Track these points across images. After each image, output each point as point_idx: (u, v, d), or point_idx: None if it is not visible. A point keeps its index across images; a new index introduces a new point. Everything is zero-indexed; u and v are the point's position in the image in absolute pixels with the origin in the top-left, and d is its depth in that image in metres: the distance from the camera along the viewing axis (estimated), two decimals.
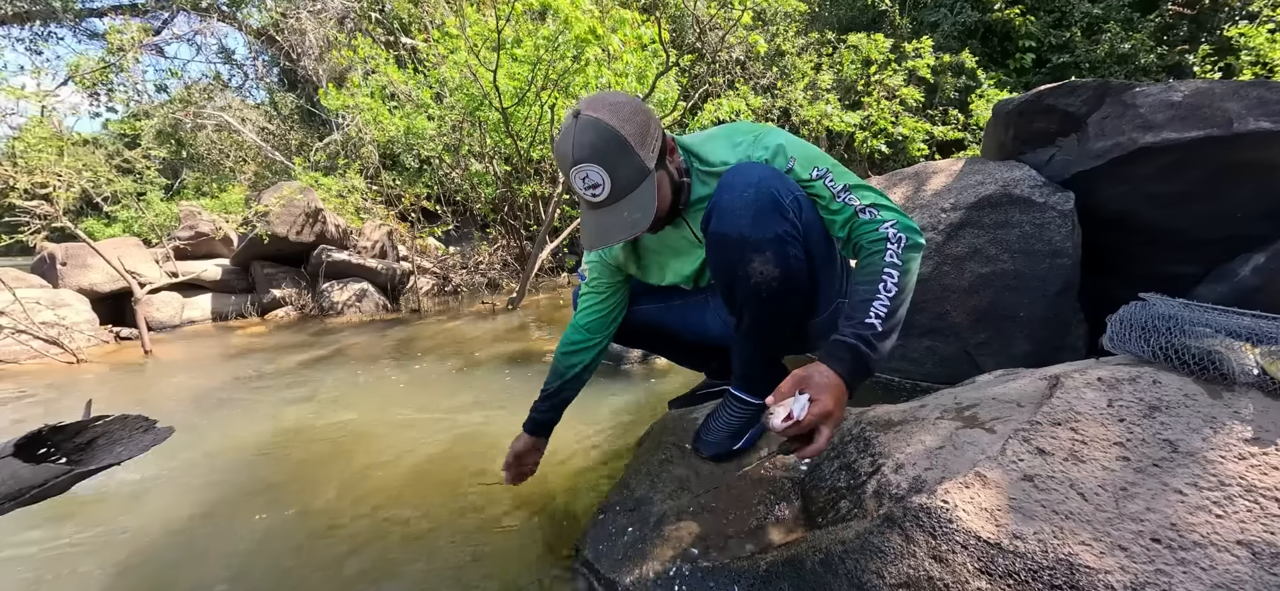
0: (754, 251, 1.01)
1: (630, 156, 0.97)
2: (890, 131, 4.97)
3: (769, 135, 1.09)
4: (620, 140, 0.96)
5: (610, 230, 1.00)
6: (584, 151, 0.97)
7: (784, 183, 1.02)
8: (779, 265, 1.02)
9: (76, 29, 10.54)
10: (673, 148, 1.09)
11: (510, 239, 5.59)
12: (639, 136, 0.98)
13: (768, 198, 1.00)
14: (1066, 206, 2.00)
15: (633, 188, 0.99)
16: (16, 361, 3.46)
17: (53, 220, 3.98)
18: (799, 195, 1.04)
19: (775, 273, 1.02)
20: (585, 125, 0.97)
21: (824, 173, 1.04)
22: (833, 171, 1.04)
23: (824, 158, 1.07)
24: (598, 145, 0.96)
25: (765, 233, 1.00)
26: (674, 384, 2.26)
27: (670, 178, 1.07)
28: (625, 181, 0.98)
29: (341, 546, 1.34)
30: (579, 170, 0.98)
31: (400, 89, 5.36)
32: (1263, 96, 1.75)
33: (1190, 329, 0.98)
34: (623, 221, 0.99)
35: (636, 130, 0.98)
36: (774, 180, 1.02)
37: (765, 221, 1.00)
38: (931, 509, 0.83)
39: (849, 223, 1.02)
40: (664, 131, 1.06)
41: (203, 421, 2.25)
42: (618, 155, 0.97)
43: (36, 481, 0.84)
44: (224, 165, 9.14)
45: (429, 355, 3.12)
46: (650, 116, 1.03)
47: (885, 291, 0.95)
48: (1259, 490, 0.74)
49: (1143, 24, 5.78)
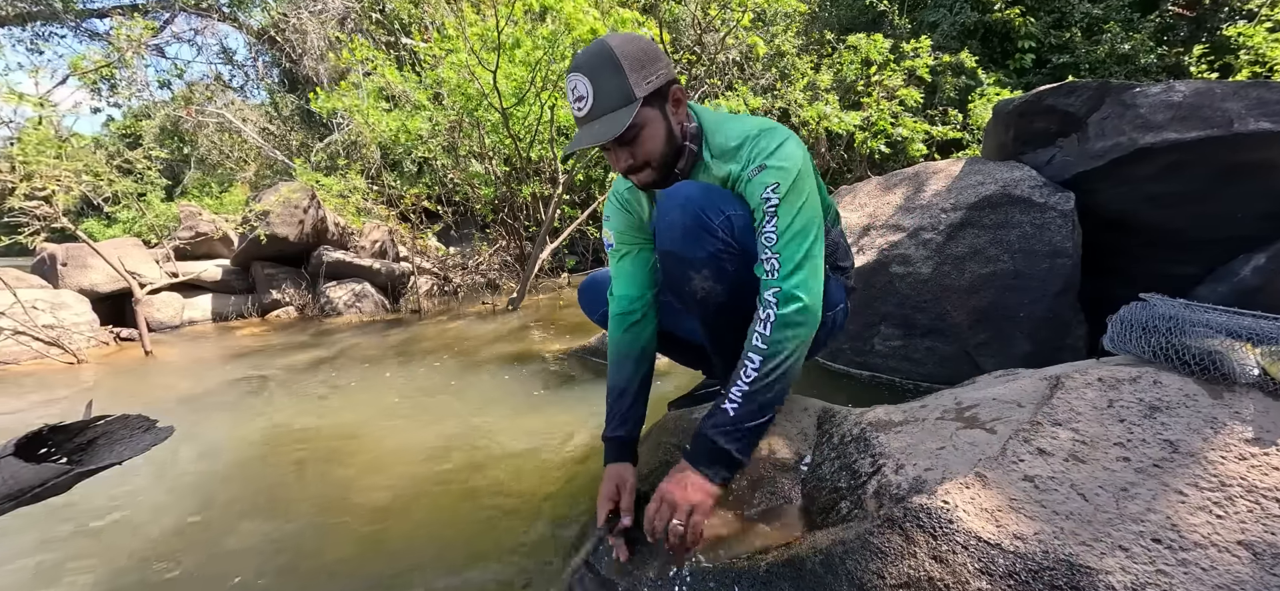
0: (692, 269, 1.04)
1: (617, 77, 0.97)
2: (890, 132, 4.97)
3: (770, 137, 1.04)
4: (613, 59, 0.97)
5: (579, 139, 1.01)
6: (577, 63, 1.00)
7: (712, 201, 1.02)
8: (718, 281, 1.04)
9: (77, 29, 10.55)
10: (679, 100, 1.06)
11: (510, 239, 5.59)
12: (634, 63, 0.98)
13: (693, 218, 1.01)
14: (1067, 206, 2.00)
15: (612, 108, 0.98)
16: (17, 362, 3.46)
17: (53, 221, 3.98)
18: (732, 213, 1.03)
19: (717, 288, 1.05)
20: (590, 45, 1.01)
21: (773, 206, 0.98)
22: (783, 205, 0.98)
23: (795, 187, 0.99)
24: (590, 60, 0.98)
25: (697, 252, 1.02)
26: (674, 384, 2.26)
27: (666, 123, 1.04)
28: (606, 99, 0.98)
29: (340, 547, 1.34)
30: (570, 80, 1.01)
31: (397, 89, 5.36)
32: (1263, 96, 1.75)
33: (1191, 329, 0.98)
34: (592, 132, 0.99)
35: (633, 57, 0.98)
36: (701, 199, 1.02)
37: (695, 241, 1.02)
38: (932, 509, 0.83)
39: (759, 267, 1.00)
40: (674, 81, 1.04)
41: (203, 421, 2.25)
42: (605, 72, 0.98)
43: (37, 481, 0.84)
44: (225, 166, 9.15)
45: (429, 356, 3.12)
46: (657, 55, 1.01)
47: (743, 378, 0.95)
48: (1260, 490, 0.74)
49: (1143, 24, 5.78)
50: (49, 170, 3.92)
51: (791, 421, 1.33)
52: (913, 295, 2.17)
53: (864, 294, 2.25)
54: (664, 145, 1.05)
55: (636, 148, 1.03)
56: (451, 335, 3.66)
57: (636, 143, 1.02)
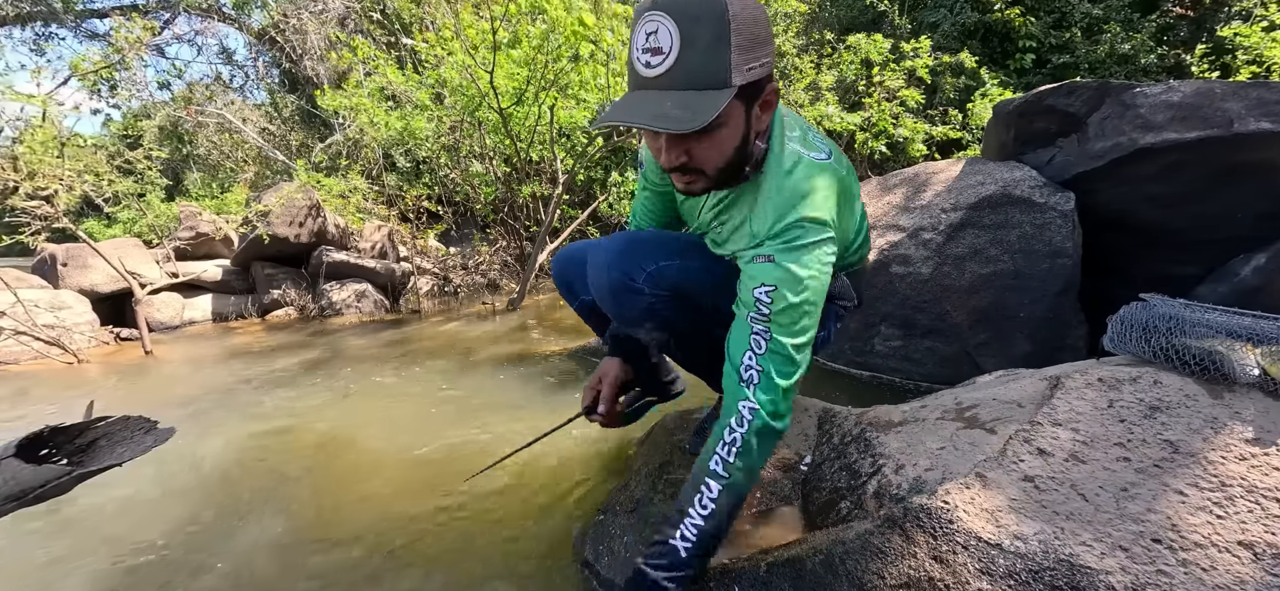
0: (634, 325, 1.04)
1: (719, 48, 0.72)
2: (891, 132, 4.97)
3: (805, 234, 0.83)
4: (721, 19, 0.71)
5: (632, 110, 0.74)
6: (666, 1, 0.72)
7: (634, 259, 0.98)
8: (661, 329, 1.04)
9: (77, 29, 10.56)
10: (769, 104, 0.83)
11: (510, 240, 5.59)
12: (746, 38, 0.73)
13: (617, 283, 0.99)
14: (1067, 207, 2.00)
15: (697, 84, 0.73)
16: (17, 362, 3.47)
17: (53, 221, 3.98)
18: (661, 265, 0.98)
19: (663, 335, 1.05)
20: None
21: (768, 310, 0.82)
22: (783, 316, 0.82)
23: (798, 309, 0.83)
24: (689, 6, 0.71)
25: (629, 311, 1.01)
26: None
27: (745, 128, 0.81)
28: (694, 71, 0.72)
29: (340, 547, 1.34)
30: (649, 21, 0.72)
31: (399, 90, 5.36)
32: (1263, 97, 1.75)
33: (1191, 329, 0.98)
34: (658, 110, 0.72)
35: (746, 27, 0.73)
36: (622, 260, 0.98)
37: (625, 302, 1.00)
38: (932, 509, 0.83)
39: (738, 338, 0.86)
40: (772, 77, 0.81)
41: (203, 422, 2.25)
42: (704, 33, 0.71)
43: (37, 482, 0.84)
44: (225, 166, 9.16)
45: (428, 356, 3.12)
46: (768, 36, 0.77)
47: (700, 510, 0.84)
48: (1260, 490, 0.74)
49: (1143, 24, 5.78)
50: (51, 170, 3.93)
51: (791, 421, 1.33)
52: (913, 295, 2.17)
53: (864, 294, 2.26)
54: (732, 155, 0.82)
55: (704, 145, 0.80)
56: (451, 335, 3.66)
57: (707, 139, 0.79)
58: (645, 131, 0.84)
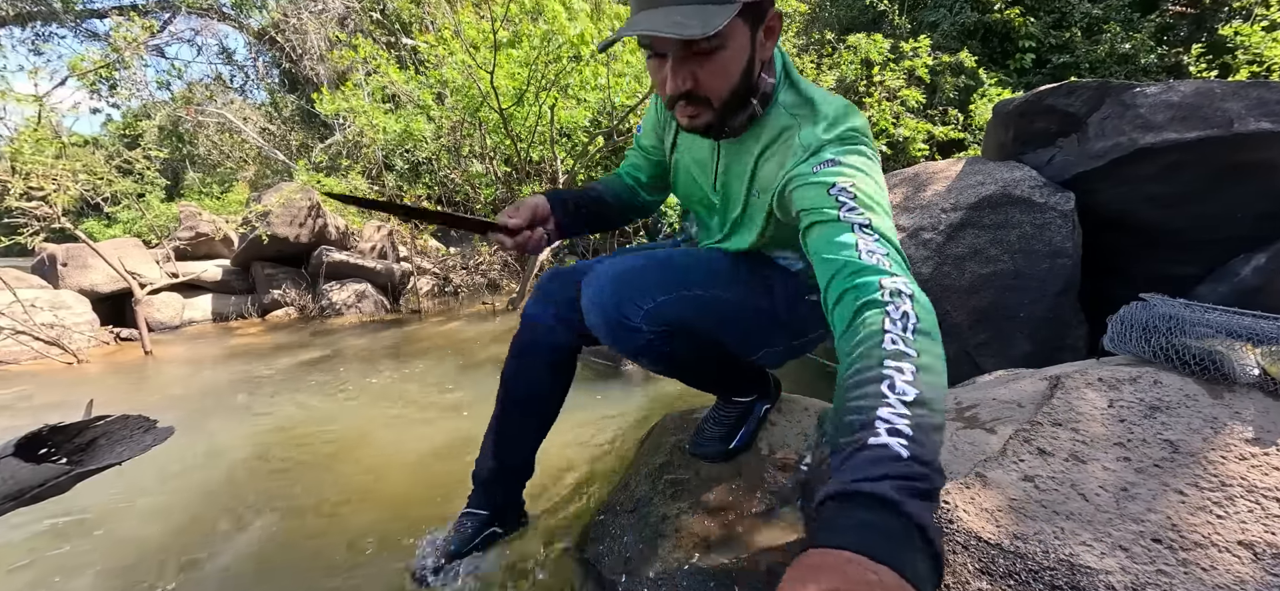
0: (633, 357, 1.00)
1: None
2: (891, 132, 4.97)
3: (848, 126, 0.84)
4: None
5: (640, 21, 0.76)
6: None
7: (629, 294, 0.94)
8: (660, 360, 1.00)
9: (77, 29, 10.56)
10: (773, 30, 0.85)
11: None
12: None
13: (613, 320, 0.94)
14: (1067, 206, 2.00)
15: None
16: (17, 362, 3.46)
17: (52, 221, 3.98)
18: (658, 301, 0.94)
19: (664, 365, 1.02)
20: None
21: (849, 185, 0.76)
22: (860, 194, 0.75)
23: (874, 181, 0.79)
24: None
25: (627, 347, 0.97)
26: (673, 387, 2.26)
27: (751, 50, 0.83)
28: None
29: (340, 547, 1.34)
30: None
31: (400, 90, 5.36)
32: (1263, 96, 1.75)
33: (1191, 329, 0.98)
34: (667, 16, 0.75)
35: None
36: (614, 300, 0.93)
37: (623, 340, 0.96)
38: None
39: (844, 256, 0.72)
40: (774, 4, 0.84)
41: (202, 421, 2.25)
42: None
43: (37, 481, 0.84)
44: (225, 166, 9.16)
45: (428, 356, 3.12)
46: None
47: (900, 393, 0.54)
48: (1260, 490, 0.74)
49: (1143, 24, 5.78)
50: (46, 170, 3.92)
51: (791, 421, 1.33)
52: None
53: None
54: (738, 79, 0.83)
55: (710, 67, 0.81)
56: (451, 335, 3.66)
57: (712, 60, 0.80)
58: (651, 60, 0.84)
